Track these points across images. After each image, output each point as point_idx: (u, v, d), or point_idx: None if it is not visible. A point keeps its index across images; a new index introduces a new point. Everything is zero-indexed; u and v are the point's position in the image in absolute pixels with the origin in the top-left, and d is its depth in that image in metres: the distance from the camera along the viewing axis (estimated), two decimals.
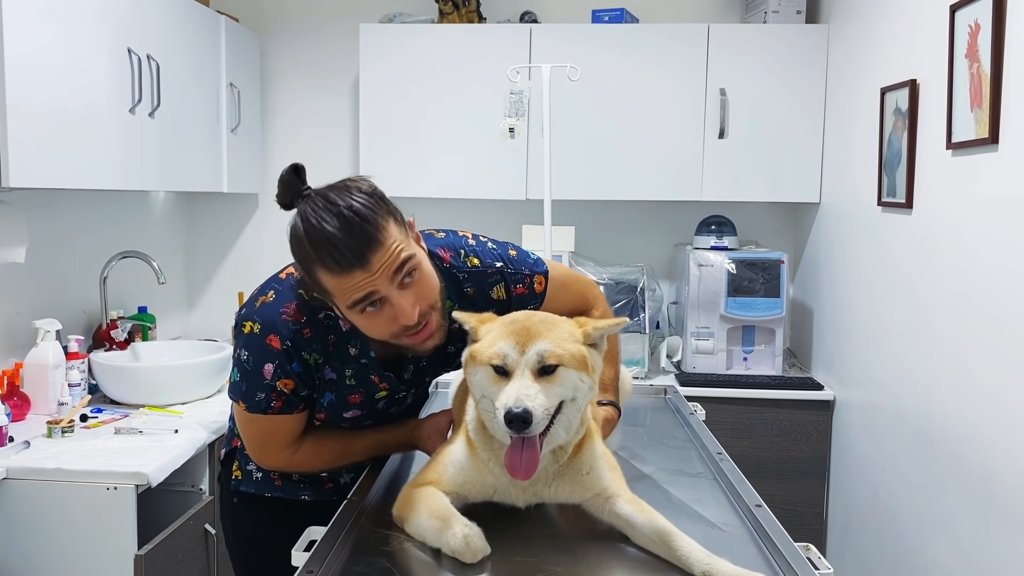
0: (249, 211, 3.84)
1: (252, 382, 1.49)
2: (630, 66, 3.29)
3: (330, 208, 1.34)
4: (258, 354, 1.47)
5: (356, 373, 1.53)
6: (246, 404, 1.51)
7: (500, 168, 3.35)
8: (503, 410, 1.22)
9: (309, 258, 1.35)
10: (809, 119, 3.29)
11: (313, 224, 1.34)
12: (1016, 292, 1.91)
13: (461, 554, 1.23)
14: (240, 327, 1.50)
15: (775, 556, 1.29)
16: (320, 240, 1.33)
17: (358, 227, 1.33)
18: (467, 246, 1.61)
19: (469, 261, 1.59)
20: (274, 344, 1.46)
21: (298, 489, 1.65)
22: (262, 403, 1.50)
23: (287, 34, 3.76)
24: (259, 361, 1.47)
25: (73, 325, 2.89)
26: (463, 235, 1.63)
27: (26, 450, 2.19)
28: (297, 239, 1.37)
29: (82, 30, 2.32)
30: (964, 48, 2.13)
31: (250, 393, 1.50)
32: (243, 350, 1.49)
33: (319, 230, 1.33)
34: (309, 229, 1.34)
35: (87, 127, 2.35)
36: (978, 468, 2.07)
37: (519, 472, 1.26)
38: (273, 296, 1.50)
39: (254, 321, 1.48)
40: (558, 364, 1.27)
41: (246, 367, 1.48)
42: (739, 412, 3.11)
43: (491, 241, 1.64)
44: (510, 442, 1.28)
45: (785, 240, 3.70)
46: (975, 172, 2.11)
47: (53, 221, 2.81)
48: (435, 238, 1.62)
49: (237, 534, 1.72)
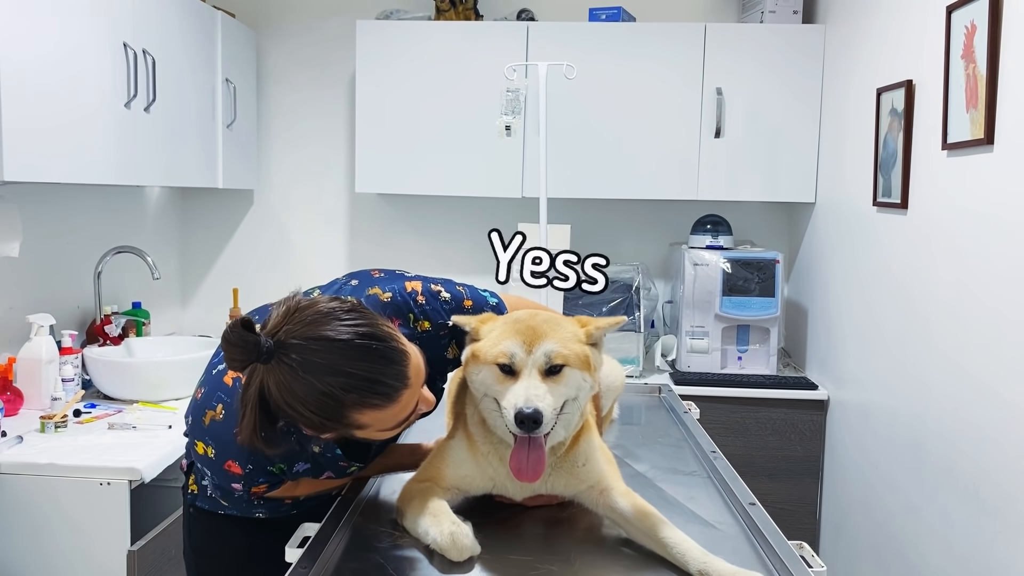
0: (244, 207, 3.83)
1: (223, 492, 1.43)
2: (627, 65, 3.29)
3: (342, 348, 1.18)
4: (220, 476, 1.41)
5: (325, 463, 1.47)
6: (227, 501, 1.47)
7: (496, 166, 3.34)
8: (513, 410, 1.22)
9: (342, 407, 1.20)
10: (805, 119, 3.30)
11: (341, 370, 1.18)
12: (1010, 293, 1.92)
13: (447, 551, 1.23)
14: (192, 443, 1.41)
15: (769, 554, 1.29)
16: (358, 385, 1.19)
17: (387, 351, 1.21)
18: (416, 307, 1.48)
19: (420, 326, 1.48)
20: (234, 469, 1.38)
21: (252, 507, 1.53)
22: (242, 498, 1.45)
23: (283, 30, 3.75)
24: (224, 481, 1.41)
25: (67, 320, 2.89)
26: (411, 289, 1.49)
27: (19, 445, 2.18)
28: (323, 395, 1.18)
29: (78, 24, 2.31)
30: (960, 49, 2.13)
31: (225, 495, 1.45)
32: (203, 467, 1.41)
33: (352, 375, 1.18)
34: (337, 378, 1.17)
35: (82, 121, 2.34)
36: (971, 468, 2.07)
37: (525, 475, 1.27)
38: (223, 413, 1.36)
39: (207, 444, 1.38)
40: (564, 364, 1.28)
41: (211, 480, 1.42)
42: (733, 411, 3.11)
43: (444, 288, 1.51)
44: (515, 443, 1.28)
45: (780, 240, 3.71)
46: (970, 173, 2.11)
47: (47, 215, 2.80)
48: (380, 302, 1.47)
49: (192, 545, 1.66)
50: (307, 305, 1.22)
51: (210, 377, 1.45)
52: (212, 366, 1.48)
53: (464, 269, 3.74)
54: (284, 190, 3.82)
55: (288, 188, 3.82)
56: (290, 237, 3.84)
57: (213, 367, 1.47)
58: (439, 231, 3.78)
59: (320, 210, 3.82)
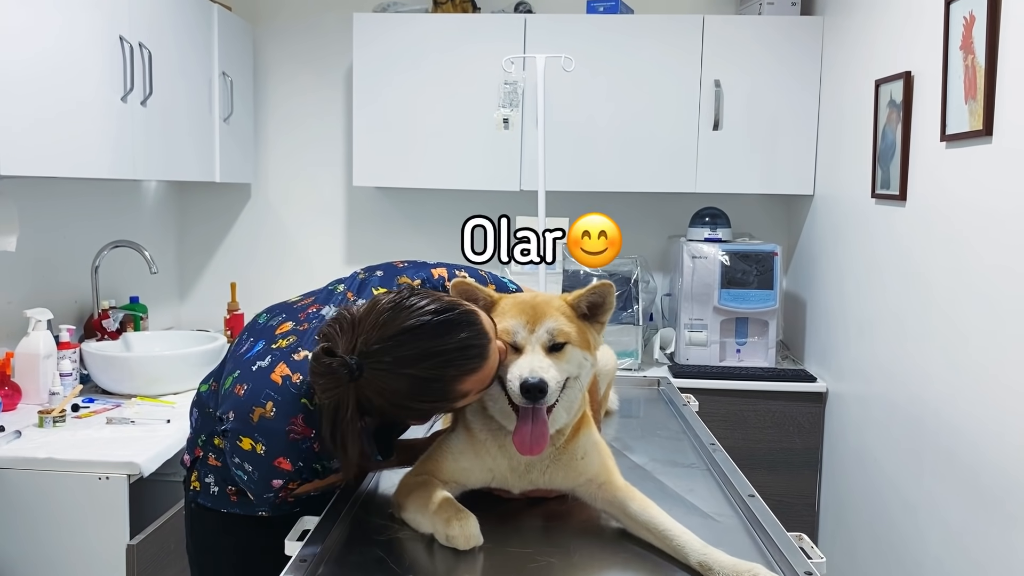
0: (241, 201, 3.83)
1: (258, 487, 1.41)
2: (625, 57, 3.28)
3: (424, 332, 1.23)
4: (264, 470, 1.38)
5: None
6: (253, 495, 1.44)
7: (494, 159, 3.34)
8: (518, 381, 1.25)
9: (446, 383, 1.25)
10: (803, 111, 3.29)
11: (433, 351, 1.23)
12: (1009, 284, 1.92)
13: (454, 540, 1.24)
14: (235, 438, 1.38)
15: (768, 546, 1.29)
16: (454, 357, 1.24)
17: (461, 317, 1.26)
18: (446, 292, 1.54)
19: None
20: (284, 466, 1.37)
21: (254, 505, 1.51)
22: (270, 498, 1.43)
23: (280, 23, 3.73)
24: (266, 477, 1.39)
25: (64, 314, 2.88)
26: (439, 276, 1.62)
27: (17, 440, 2.18)
28: (427, 380, 1.24)
29: (74, 17, 2.30)
30: (959, 40, 2.13)
31: (257, 491, 1.42)
32: (246, 463, 1.38)
33: (444, 351, 1.23)
34: (433, 360, 1.23)
35: (79, 115, 2.33)
36: (969, 459, 2.07)
37: (528, 447, 1.28)
38: (274, 410, 1.36)
39: (255, 440, 1.36)
40: (566, 342, 1.30)
41: (251, 476, 1.40)
42: (732, 404, 3.11)
43: (468, 274, 1.62)
44: (518, 418, 1.29)
45: (779, 232, 3.70)
46: (969, 164, 2.11)
47: (44, 210, 2.79)
48: (428, 265, 1.62)
49: (194, 541, 1.66)
50: (368, 310, 1.27)
51: (251, 373, 1.41)
52: (249, 362, 1.44)
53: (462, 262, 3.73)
54: (281, 184, 3.81)
55: (286, 182, 3.81)
56: (288, 231, 3.83)
57: (251, 363, 1.43)
58: (437, 224, 3.77)
59: (318, 203, 3.81)
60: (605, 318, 1.39)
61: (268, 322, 1.54)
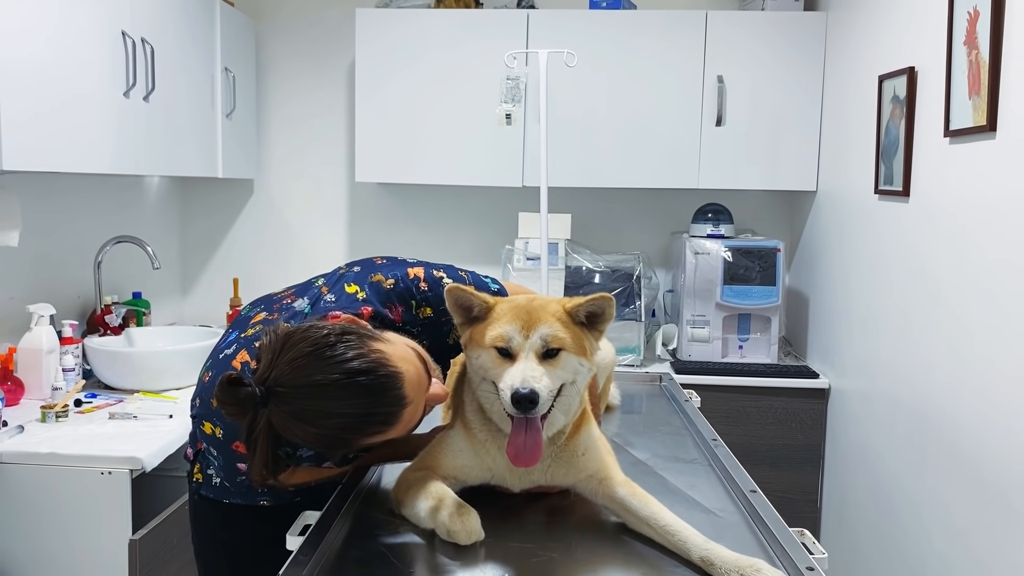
0: (244, 197, 3.83)
1: (227, 472, 1.46)
2: (627, 53, 3.28)
3: (330, 392, 1.19)
4: (227, 456, 1.44)
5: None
6: (228, 482, 1.50)
7: (497, 155, 3.33)
8: (509, 391, 1.23)
9: (345, 441, 1.23)
10: (807, 107, 3.28)
11: (334, 413, 1.19)
12: (1013, 279, 1.91)
13: (456, 534, 1.23)
14: (199, 423, 1.45)
15: (770, 541, 1.29)
16: (353, 423, 1.21)
17: (377, 382, 1.21)
18: (419, 293, 1.50)
19: (422, 313, 1.50)
20: (241, 450, 1.38)
21: (256, 495, 1.54)
22: (244, 482, 1.47)
23: (282, 19, 3.73)
24: (229, 460, 1.45)
25: (67, 310, 2.88)
26: (414, 275, 1.50)
27: (20, 435, 2.19)
28: (322, 436, 1.21)
29: (76, 13, 2.30)
30: (963, 35, 2.12)
31: (228, 476, 1.48)
32: (211, 447, 1.45)
33: (345, 415, 1.19)
34: (332, 420, 1.19)
35: (81, 111, 2.33)
36: (973, 454, 2.07)
37: (522, 459, 1.26)
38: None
39: (215, 424, 1.42)
40: (560, 348, 1.28)
41: (218, 460, 1.46)
42: (734, 400, 3.11)
43: (447, 274, 1.53)
44: (512, 428, 1.28)
45: (782, 228, 3.70)
46: (973, 160, 2.11)
47: (47, 205, 2.79)
48: (383, 289, 1.48)
49: (199, 533, 1.66)
50: (295, 341, 1.22)
51: (217, 361, 1.47)
52: (219, 350, 1.49)
53: (464, 258, 3.74)
54: (284, 179, 3.81)
55: (288, 177, 3.81)
56: (290, 226, 3.83)
57: (220, 351, 1.49)
58: (439, 220, 3.77)
59: (320, 199, 3.81)
60: (604, 327, 1.37)
61: (248, 313, 1.57)
